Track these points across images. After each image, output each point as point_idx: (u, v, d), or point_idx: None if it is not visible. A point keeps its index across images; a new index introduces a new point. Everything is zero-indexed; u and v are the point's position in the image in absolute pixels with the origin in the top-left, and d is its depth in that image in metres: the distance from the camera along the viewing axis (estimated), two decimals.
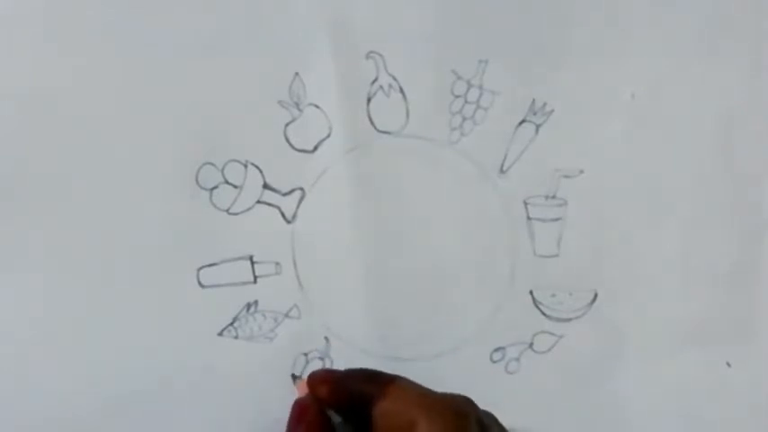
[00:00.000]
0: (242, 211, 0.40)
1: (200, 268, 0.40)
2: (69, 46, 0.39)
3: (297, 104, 0.40)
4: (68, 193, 0.39)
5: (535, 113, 0.41)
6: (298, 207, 0.41)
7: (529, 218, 0.42)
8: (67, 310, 0.39)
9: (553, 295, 0.42)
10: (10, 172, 0.39)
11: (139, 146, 0.39)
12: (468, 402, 0.34)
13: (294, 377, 0.40)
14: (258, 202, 0.40)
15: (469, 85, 0.41)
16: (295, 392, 0.37)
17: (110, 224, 0.39)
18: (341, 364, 0.41)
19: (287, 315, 0.41)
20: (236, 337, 0.41)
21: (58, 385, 0.40)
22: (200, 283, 0.40)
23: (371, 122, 0.41)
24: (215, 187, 0.40)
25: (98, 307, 0.40)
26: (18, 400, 0.40)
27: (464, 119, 0.41)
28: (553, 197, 0.42)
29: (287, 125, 0.40)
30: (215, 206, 0.40)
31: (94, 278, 0.39)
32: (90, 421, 0.40)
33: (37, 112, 0.39)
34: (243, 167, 0.40)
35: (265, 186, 0.40)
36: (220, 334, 0.41)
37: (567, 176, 0.42)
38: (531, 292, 0.42)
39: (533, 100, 0.41)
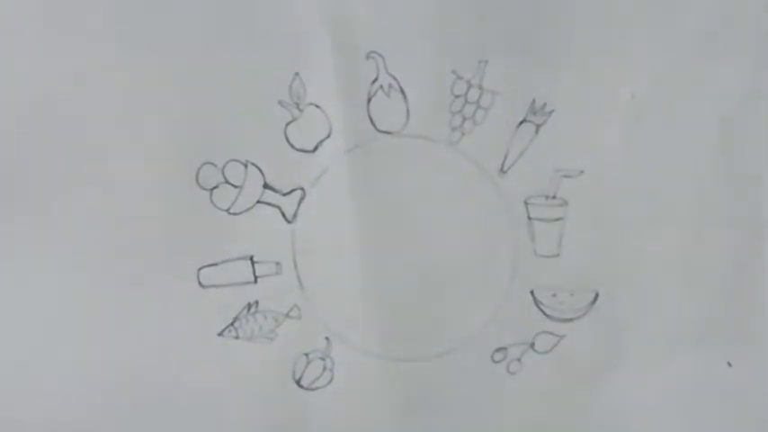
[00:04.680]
0: (242, 211, 0.40)
1: (201, 268, 0.40)
2: (69, 46, 0.39)
3: (297, 104, 0.40)
4: (68, 194, 0.39)
5: (535, 113, 0.41)
6: (298, 207, 0.41)
7: (529, 218, 0.42)
8: (67, 311, 0.39)
9: (554, 295, 0.42)
10: (10, 172, 0.39)
11: (139, 146, 0.39)
12: None
13: None
14: (258, 201, 0.40)
15: (469, 85, 0.41)
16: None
17: (109, 224, 0.39)
18: (342, 364, 0.41)
19: (287, 315, 0.41)
20: (237, 338, 0.41)
21: (58, 386, 0.40)
22: (200, 284, 0.40)
23: (372, 122, 0.41)
24: (215, 187, 0.40)
25: (98, 307, 0.40)
26: (17, 401, 0.40)
27: (464, 119, 0.41)
28: (554, 197, 0.42)
29: (287, 125, 0.40)
30: (215, 206, 0.40)
31: (94, 278, 0.39)
32: (89, 421, 0.40)
33: (37, 112, 0.39)
34: (243, 167, 0.40)
35: (266, 186, 0.40)
36: (221, 334, 0.41)
37: (567, 176, 0.42)
38: (531, 292, 0.42)
39: (533, 100, 0.41)
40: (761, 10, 0.41)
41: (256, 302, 0.41)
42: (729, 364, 0.43)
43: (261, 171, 0.40)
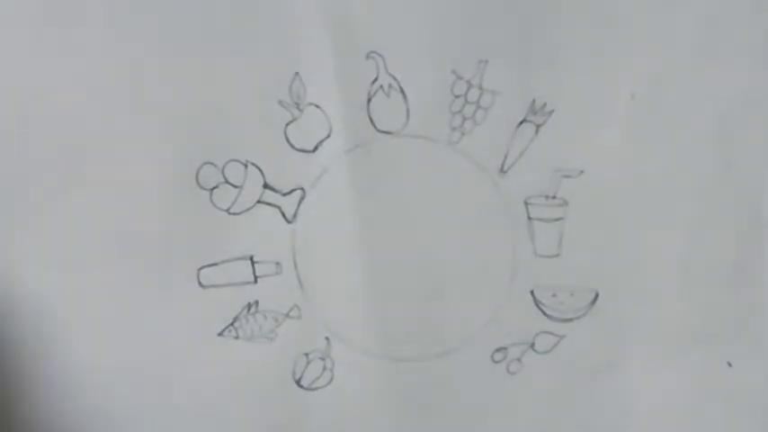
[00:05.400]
0: (242, 211, 0.40)
1: (201, 268, 0.40)
2: (68, 45, 0.39)
3: (297, 104, 0.40)
4: (68, 193, 0.39)
5: (535, 113, 0.41)
6: (298, 207, 0.41)
7: (529, 218, 0.42)
8: (67, 311, 0.39)
9: (554, 295, 0.42)
10: (10, 172, 0.39)
11: (139, 146, 0.39)
12: None
13: None
14: (258, 201, 0.40)
15: (469, 85, 0.41)
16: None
17: (109, 224, 0.39)
18: (342, 364, 0.41)
19: (287, 315, 0.41)
20: (237, 338, 0.41)
21: (58, 386, 0.40)
22: (200, 283, 0.40)
23: (372, 122, 0.41)
24: (215, 187, 0.40)
25: (98, 307, 0.40)
26: (17, 401, 0.39)
27: (464, 119, 0.41)
28: (554, 197, 0.42)
29: (287, 125, 0.40)
30: (215, 206, 0.40)
31: (94, 278, 0.39)
32: (88, 421, 0.40)
33: (37, 112, 0.39)
34: (243, 167, 0.40)
35: (266, 186, 0.40)
36: (221, 334, 0.41)
37: (567, 176, 0.42)
38: (531, 292, 0.42)
39: (533, 100, 0.41)
40: (761, 10, 0.41)
41: (256, 302, 0.41)
42: (729, 364, 0.43)
43: (261, 171, 0.40)
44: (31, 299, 0.39)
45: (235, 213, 0.40)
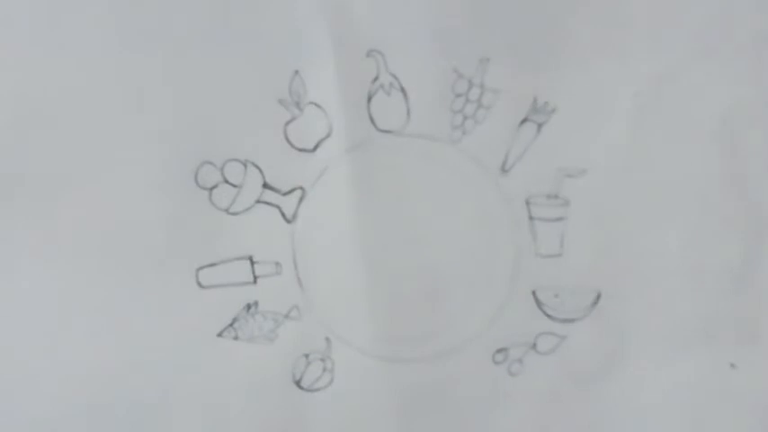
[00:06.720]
0: (242, 211, 0.40)
1: (200, 268, 0.40)
2: (68, 45, 0.39)
3: (297, 103, 0.40)
4: (67, 193, 0.39)
5: (537, 112, 0.41)
6: (298, 207, 0.41)
7: (531, 217, 0.42)
8: (66, 311, 0.39)
9: (556, 295, 0.42)
10: (8, 172, 0.39)
11: (138, 145, 0.39)
12: None
13: None
14: (258, 201, 0.40)
15: (471, 84, 0.41)
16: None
17: (108, 224, 0.39)
18: (342, 365, 0.41)
19: (287, 316, 0.41)
20: (236, 338, 0.41)
21: (57, 386, 0.40)
22: (199, 284, 0.40)
23: (372, 121, 0.41)
24: (214, 187, 0.40)
25: (96, 307, 0.40)
26: (16, 401, 0.40)
27: (465, 118, 0.41)
28: (555, 196, 0.41)
29: (287, 124, 0.40)
30: (214, 206, 0.40)
31: (93, 278, 0.39)
32: (88, 421, 0.40)
33: (35, 112, 0.39)
34: (242, 167, 0.40)
35: (265, 186, 0.40)
36: (220, 335, 0.40)
37: (569, 176, 0.41)
38: (533, 293, 0.42)
39: (535, 99, 0.41)
40: (760, 10, 0.41)
41: (256, 303, 0.41)
42: (733, 366, 0.42)
43: (260, 170, 0.40)
44: (29, 299, 0.39)
45: (234, 213, 0.40)
